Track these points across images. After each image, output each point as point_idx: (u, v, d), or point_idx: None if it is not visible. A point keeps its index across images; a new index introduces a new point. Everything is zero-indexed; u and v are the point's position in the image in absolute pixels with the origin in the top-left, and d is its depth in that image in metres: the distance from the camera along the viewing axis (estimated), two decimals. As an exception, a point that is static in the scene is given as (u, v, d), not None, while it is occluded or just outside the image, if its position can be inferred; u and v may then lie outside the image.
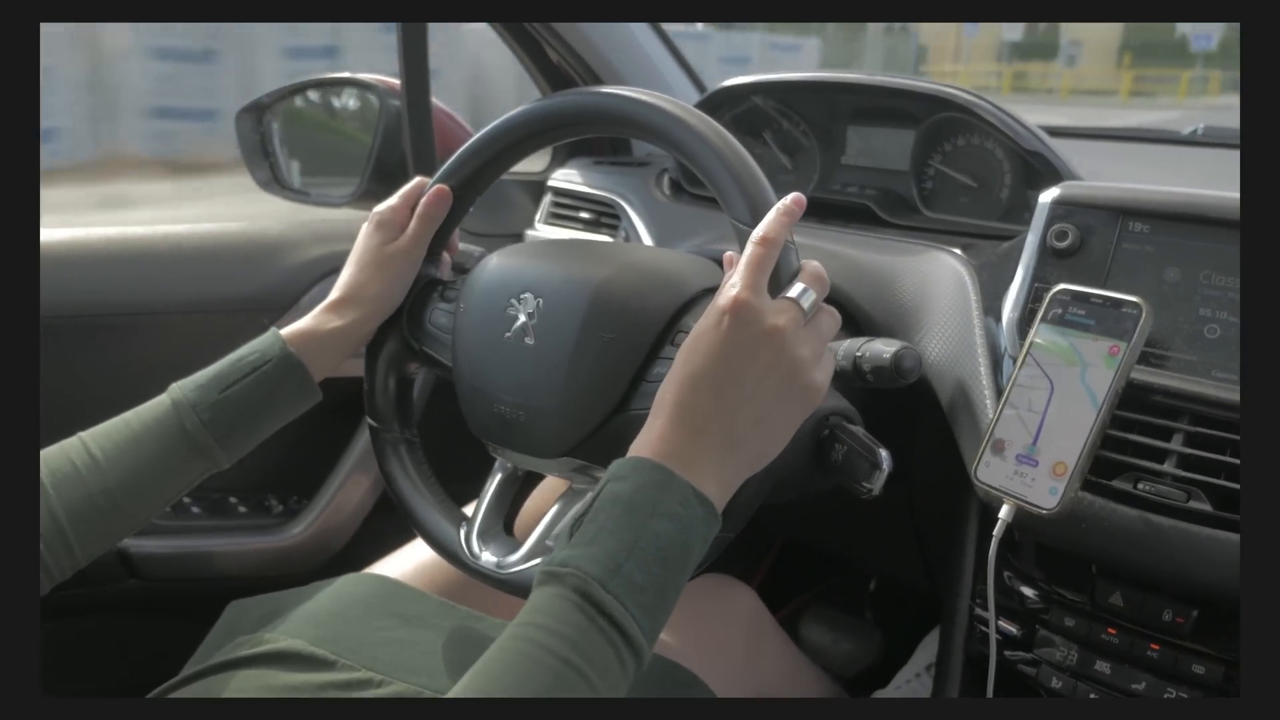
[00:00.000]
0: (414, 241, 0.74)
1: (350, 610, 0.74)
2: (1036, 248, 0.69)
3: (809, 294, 0.56)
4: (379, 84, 1.18)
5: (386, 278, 0.73)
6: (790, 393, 0.54)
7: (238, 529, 1.15)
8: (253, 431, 0.69)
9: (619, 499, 0.50)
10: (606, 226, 1.15)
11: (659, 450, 0.52)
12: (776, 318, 0.54)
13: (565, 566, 0.47)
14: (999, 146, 0.92)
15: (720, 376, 0.53)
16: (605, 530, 0.49)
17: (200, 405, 0.66)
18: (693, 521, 0.50)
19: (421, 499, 0.73)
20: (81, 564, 0.62)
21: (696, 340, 0.54)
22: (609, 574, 0.47)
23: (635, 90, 0.65)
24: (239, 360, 0.68)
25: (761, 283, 0.55)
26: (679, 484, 0.50)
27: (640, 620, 0.47)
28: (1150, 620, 0.62)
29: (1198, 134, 1.13)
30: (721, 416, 0.53)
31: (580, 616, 0.46)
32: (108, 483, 0.62)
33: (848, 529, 1.14)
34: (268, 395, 0.68)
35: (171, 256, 1.10)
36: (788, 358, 0.54)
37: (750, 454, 0.54)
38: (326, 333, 0.71)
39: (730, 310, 0.54)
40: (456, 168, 0.74)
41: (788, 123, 1.09)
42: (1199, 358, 0.61)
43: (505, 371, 0.67)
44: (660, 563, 0.48)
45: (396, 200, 0.75)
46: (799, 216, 0.58)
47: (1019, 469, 0.59)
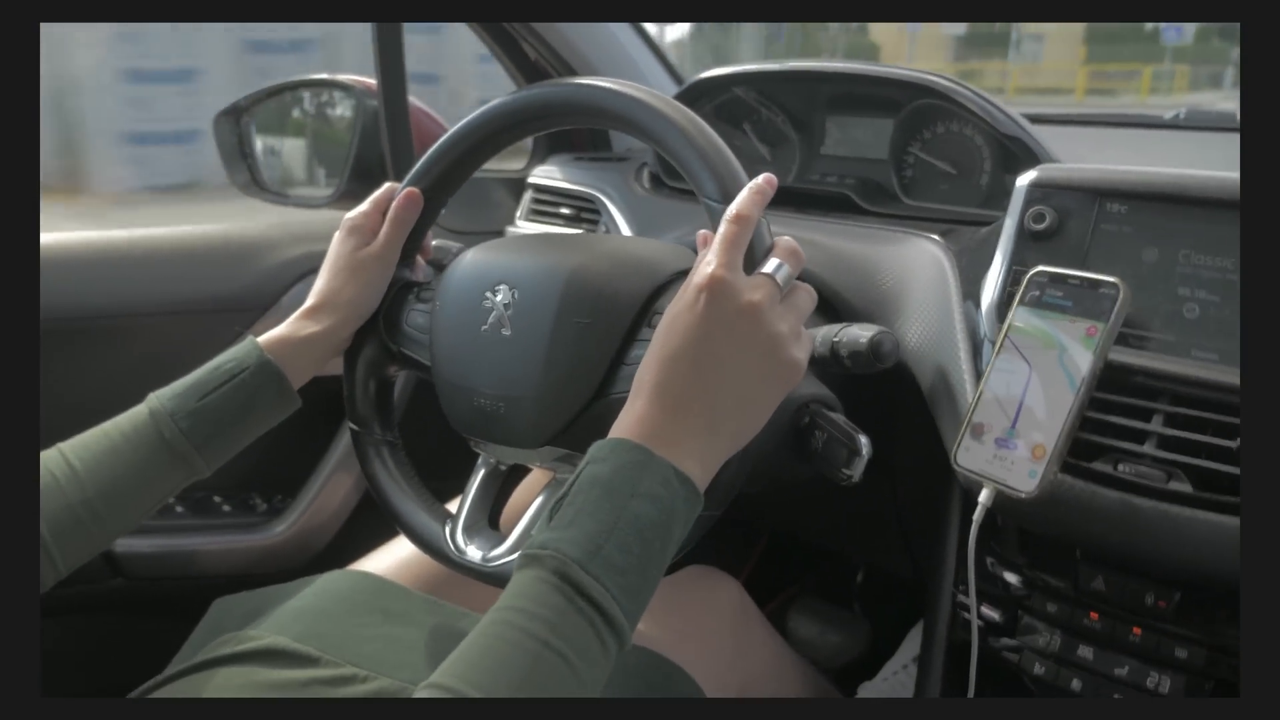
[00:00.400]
0: (386, 246, 0.74)
1: (334, 607, 0.74)
2: (1014, 231, 0.69)
3: (784, 269, 0.56)
4: (356, 84, 1.18)
5: (360, 283, 0.73)
6: (769, 369, 0.54)
7: (222, 527, 1.14)
8: (231, 439, 0.68)
9: (598, 480, 0.49)
10: (587, 221, 1.14)
11: (638, 431, 0.52)
12: (752, 293, 0.54)
13: (544, 549, 0.47)
14: (978, 133, 0.92)
15: (698, 354, 0.53)
16: (584, 512, 0.48)
17: (178, 414, 0.65)
18: (673, 501, 0.50)
19: (405, 499, 0.73)
20: (63, 574, 0.62)
21: (673, 319, 0.54)
22: (588, 555, 0.47)
23: (600, 79, 0.64)
24: (216, 368, 0.68)
25: (736, 259, 0.55)
26: (659, 464, 0.50)
27: (621, 601, 0.47)
28: (1133, 604, 0.62)
29: (1179, 118, 1.13)
30: (701, 395, 0.52)
31: (560, 598, 0.45)
32: (87, 493, 0.62)
33: (834, 520, 1.14)
34: (245, 403, 0.68)
35: (150, 259, 1.09)
36: (765, 333, 0.54)
37: (731, 432, 0.54)
38: (303, 339, 0.71)
39: (706, 287, 0.53)
40: (426, 169, 0.74)
41: (767, 113, 1.08)
42: (1178, 337, 0.61)
43: (483, 364, 0.67)
44: (641, 543, 0.48)
45: (367, 206, 0.75)
46: (771, 195, 0.57)
47: (998, 453, 0.59)
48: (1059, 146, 0.84)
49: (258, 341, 0.70)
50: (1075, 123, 1.17)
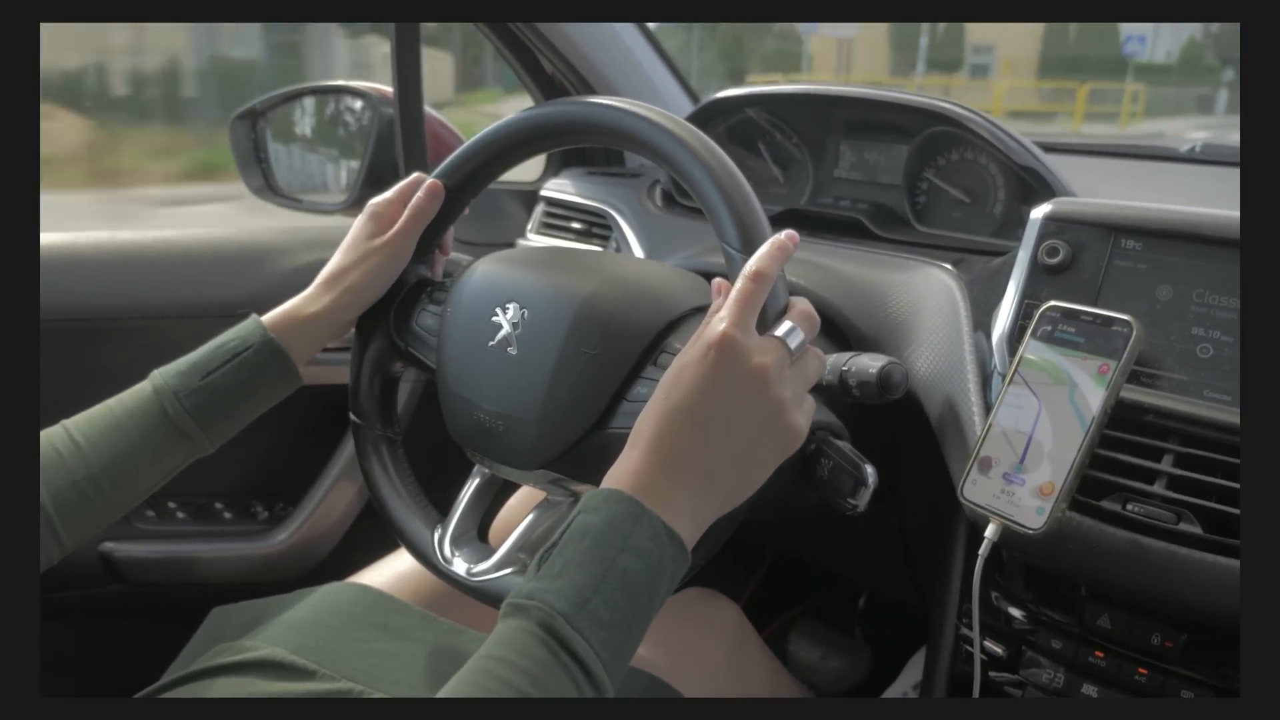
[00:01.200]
0: (401, 235, 0.74)
1: (332, 620, 0.74)
2: (1027, 264, 0.68)
3: (796, 333, 0.55)
4: (372, 92, 1.18)
5: (367, 268, 0.73)
6: (770, 434, 0.54)
7: (222, 534, 1.14)
8: (235, 417, 0.69)
9: (588, 531, 0.49)
10: (598, 237, 1.14)
11: (633, 483, 0.51)
12: (762, 356, 0.53)
13: (531, 599, 0.47)
14: (992, 161, 0.92)
15: (701, 413, 0.52)
16: (573, 564, 0.48)
17: (182, 391, 0.66)
18: (661, 558, 0.49)
19: (398, 499, 0.73)
20: (68, 549, 0.63)
21: (680, 373, 0.54)
22: (575, 609, 0.46)
23: (633, 103, 0.64)
24: (220, 346, 0.68)
25: (750, 320, 0.54)
26: (650, 519, 0.50)
27: (604, 657, 0.46)
28: (1139, 644, 0.61)
29: (1195, 151, 1.13)
30: (699, 453, 0.52)
31: (544, 652, 0.45)
32: (92, 468, 0.63)
33: (838, 544, 1.13)
34: (249, 380, 0.68)
35: (162, 262, 1.09)
36: (770, 398, 0.53)
37: (725, 493, 0.54)
38: (306, 317, 0.71)
39: (716, 345, 0.53)
40: (453, 168, 0.74)
41: (780, 135, 1.08)
42: (1191, 377, 0.60)
43: (487, 380, 0.66)
44: (627, 599, 0.48)
45: (392, 194, 0.75)
46: (791, 253, 0.57)
47: (1006, 488, 0.58)
48: (1073, 177, 0.84)
49: (261, 320, 0.70)
50: (1090, 153, 1.17)
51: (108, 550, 1.07)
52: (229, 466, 0.69)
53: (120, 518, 0.66)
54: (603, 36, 1.23)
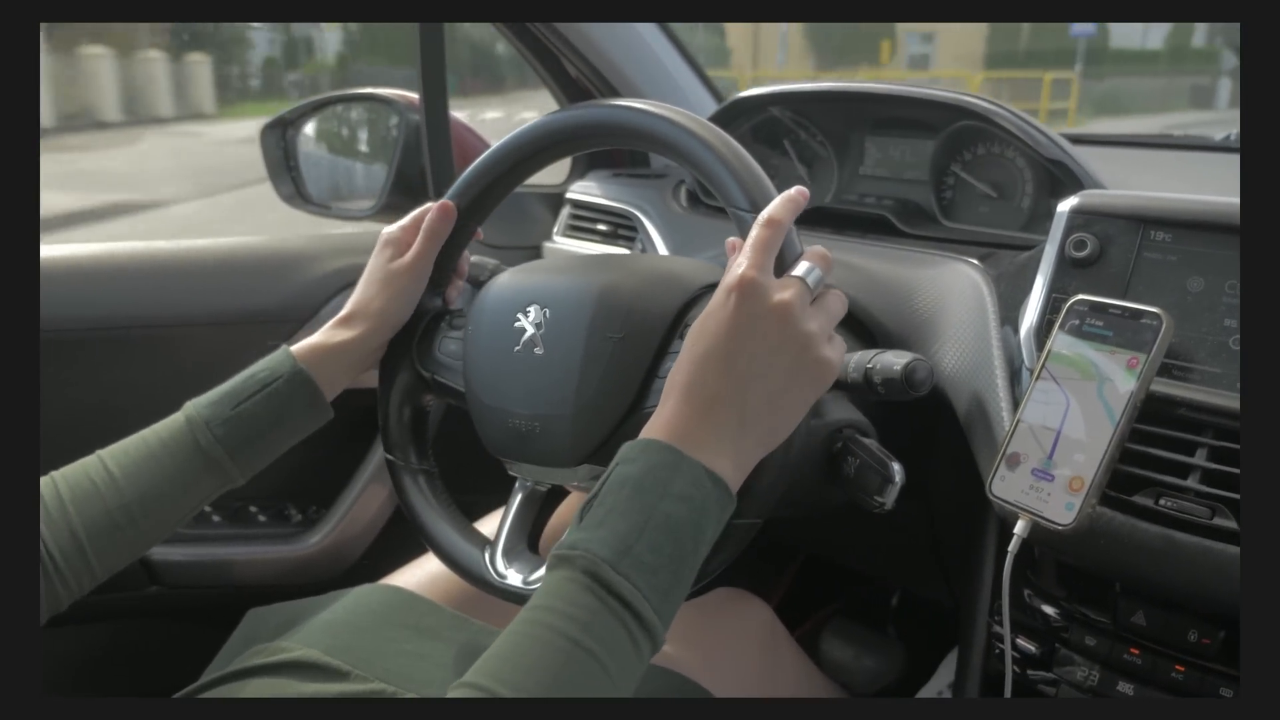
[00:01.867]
0: (417, 257, 0.74)
1: (365, 621, 0.75)
2: (1055, 257, 0.68)
3: (815, 271, 0.56)
4: (399, 99, 1.20)
5: (390, 294, 0.74)
6: (801, 368, 0.54)
7: (257, 537, 1.16)
8: (265, 447, 0.69)
9: (628, 480, 0.49)
10: (624, 238, 1.15)
11: (669, 431, 0.51)
12: (783, 293, 0.54)
13: (574, 549, 0.47)
14: (1020, 155, 0.91)
15: (729, 354, 0.53)
16: (615, 512, 0.48)
17: (214, 422, 0.66)
18: (705, 502, 0.50)
19: (444, 526, 0.73)
20: (100, 579, 0.63)
21: (704, 320, 0.54)
22: (619, 555, 0.46)
23: (625, 100, 0.65)
24: (250, 377, 0.69)
25: (767, 262, 0.55)
26: (690, 464, 0.50)
27: (652, 600, 0.47)
28: (1175, 640, 0.60)
29: (1231, 140, 1.11)
30: (732, 394, 0.52)
31: (591, 598, 0.46)
32: (125, 498, 0.63)
33: (869, 543, 1.12)
34: (278, 411, 0.69)
35: (194, 270, 1.11)
36: (797, 332, 0.54)
37: (763, 431, 0.54)
38: (335, 347, 0.72)
39: (737, 288, 0.53)
40: (463, 188, 0.74)
41: (805, 133, 1.08)
42: (1224, 370, 0.59)
43: (517, 385, 0.67)
44: (673, 543, 0.48)
45: (407, 220, 0.77)
46: (803, 205, 0.58)
47: (1035, 484, 0.58)
48: (1103, 169, 0.83)
49: (291, 351, 0.71)
50: (1120, 144, 1.15)
51: (147, 554, 1.09)
52: (263, 471, 0.70)
53: (149, 549, 0.67)
54: (625, 38, 1.24)
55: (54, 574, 0.60)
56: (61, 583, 0.61)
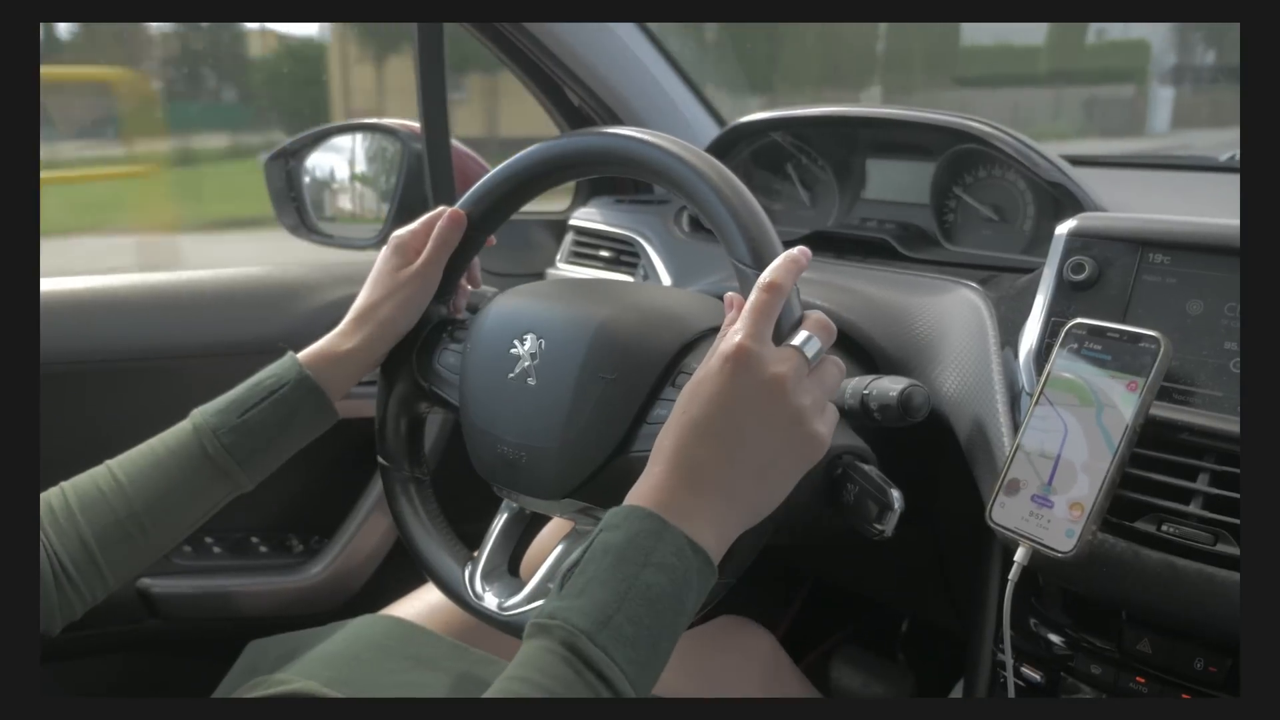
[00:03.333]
0: (427, 264, 0.74)
1: (364, 652, 0.75)
2: (1054, 281, 0.67)
3: (813, 342, 0.55)
4: (401, 128, 1.20)
5: (398, 300, 0.74)
6: (791, 443, 0.53)
7: (258, 568, 1.15)
8: (273, 453, 0.70)
9: (610, 548, 0.49)
10: (626, 265, 1.15)
11: (655, 499, 0.51)
12: (779, 366, 0.53)
13: (554, 619, 0.47)
14: (1020, 178, 0.91)
15: (720, 425, 0.52)
16: (595, 581, 0.48)
17: (221, 429, 0.67)
18: (687, 573, 0.49)
19: (428, 538, 0.73)
20: (112, 587, 0.64)
21: (697, 386, 0.54)
22: (598, 626, 0.46)
23: (641, 131, 0.65)
24: (257, 384, 0.70)
25: (765, 330, 0.54)
26: (673, 534, 0.49)
27: (630, 673, 0.46)
28: (1181, 669, 0.59)
29: (1234, 160, 1.10)
30: (720, 465, 0.52)
31: (568, 671, 0.45)
32: (134, 507, 0.64)
33: (877, 570, 1.11)
34: (286, 417, 0.69)
35: (195, 301, 1.12)
36: (789, 407, 0.53)
37: (748, 505, 0.53)
38: (341, 354, 0.72)
39: (732, 357, 0.53)
40: (474, 199, 0.75)
41: (806, 158, 1.08)
42: (1225, 393, 0.59)
43: (508, 412, 0.67)
44: (652, 615, 0.47)
45: (417, 225, 0.77)
46: (805, 266, 0.57)
47: (1035, 510, 0.57)
48: (1104, 190, 0.83)
49: (297, 357, 0.71)
50: (1122, 165, 1.15)
51: (145, 586, 1.09)
52: (265, 501, 0.70)
53: (160, 556, 0.67)
54: (624, 62, 1.25)
55: (66, 583, 0.61)
56: (74, 591, 0.61)
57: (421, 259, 0.74)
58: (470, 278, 0.80)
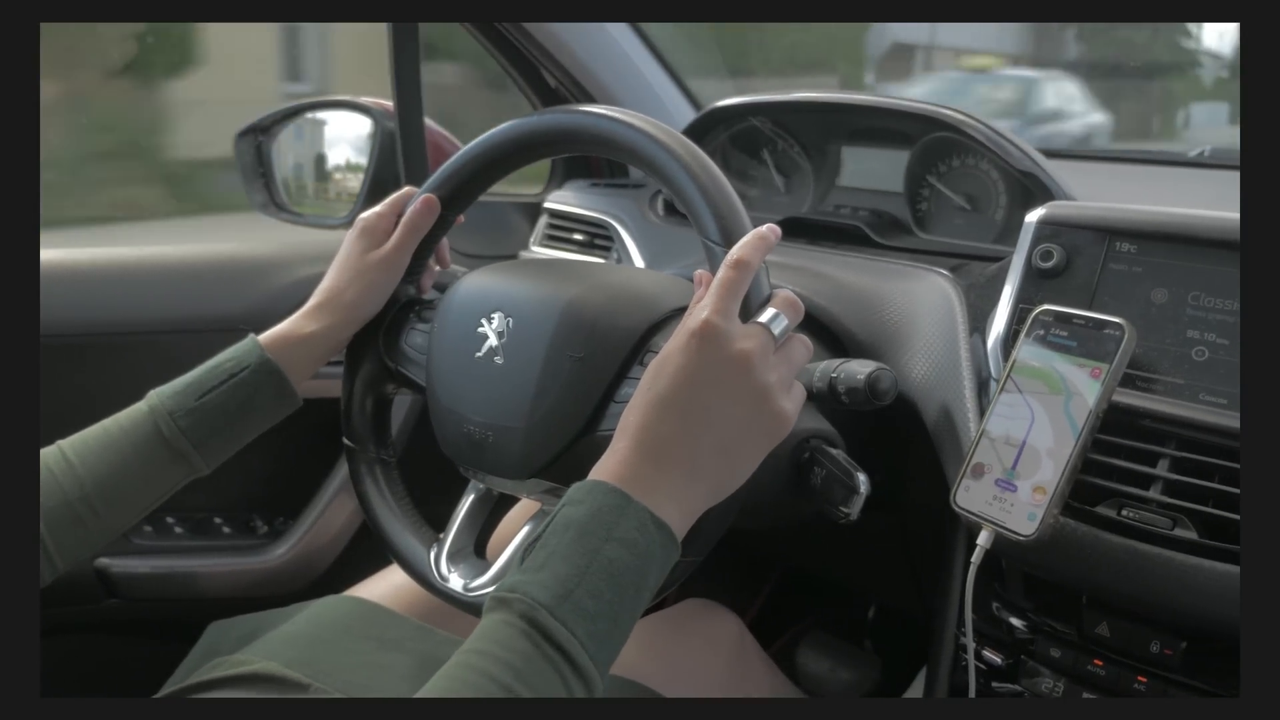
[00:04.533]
0: (396, 250, 0.73)
1: (327, 633, 0.74)
2: (1022, 268, 0.68)
3: (780, 320, 0.55)
4: (375, 106, 1.19)
5: (364, 284, 0.73)
6: (757, 420, 0.53)
7: (221, 549, 1.14)
8: (231, 438, 0.69)
9: (572, 523, 0.49)
10: (600, 248, 1.14)
11: (618, 474, 0.51)
12: (744, 342, 0.53)
13: (514, 592, 0.46)
14: (993, 167, 0.91)
15: (685, 401, 0.52)
16: (556, 555, 0.47)
17: (177, 412, 0.66)
18: (649, 548, 0.49)
19: (394, 519, 0.73)
20: (60, 570, 0.63)
21: (663, 362, 0.53)
22: (558, 600, 0.46)
23: (612, 110, 0.64)
24: (216, 367, 0.68)
25: (732, 307, 0.54)
26: (636, 509, 0.49)
27: (590, 648, 0.46)
28: (1138, 652, 0.60)
29: (1204, 155, 1.12)
30: (684, 441, 0.52)
31: (526, 644, 0.45)
32: (85, 488, 0.63)
33: (845, 556, 1.12)
34: (245, 401, 0.68)
35: (159, 277, 1.10)
36: (755, 383, 0.53)
37: (713, 482, 0.53)
38: (303, 337, 0.71)
39: (698, 333, 0.52)
40: (443, 181, 0.74)
41: (783, 143, 1.08)
42: (1187, 381, 0.59)
43: (475, 392, 0.66)
44: (614, 589, 0.47)
45: (383, 208, 0.75)
46: (774, 244, 0.57)
47: (998, 494, 0.57)
48: (1076, 182, 0.83)
49: (258, 340, 0.70)
50: (1094, 158, 1.16)
51: (103, 566, 1.07)
52: (229, 481, 0.69)
53: (113, 539, 0.66)
54: (603, 45, 1.24)
55: None
56: None
57: (390, 244, 0.73)
58: (439, 258, 0.79)
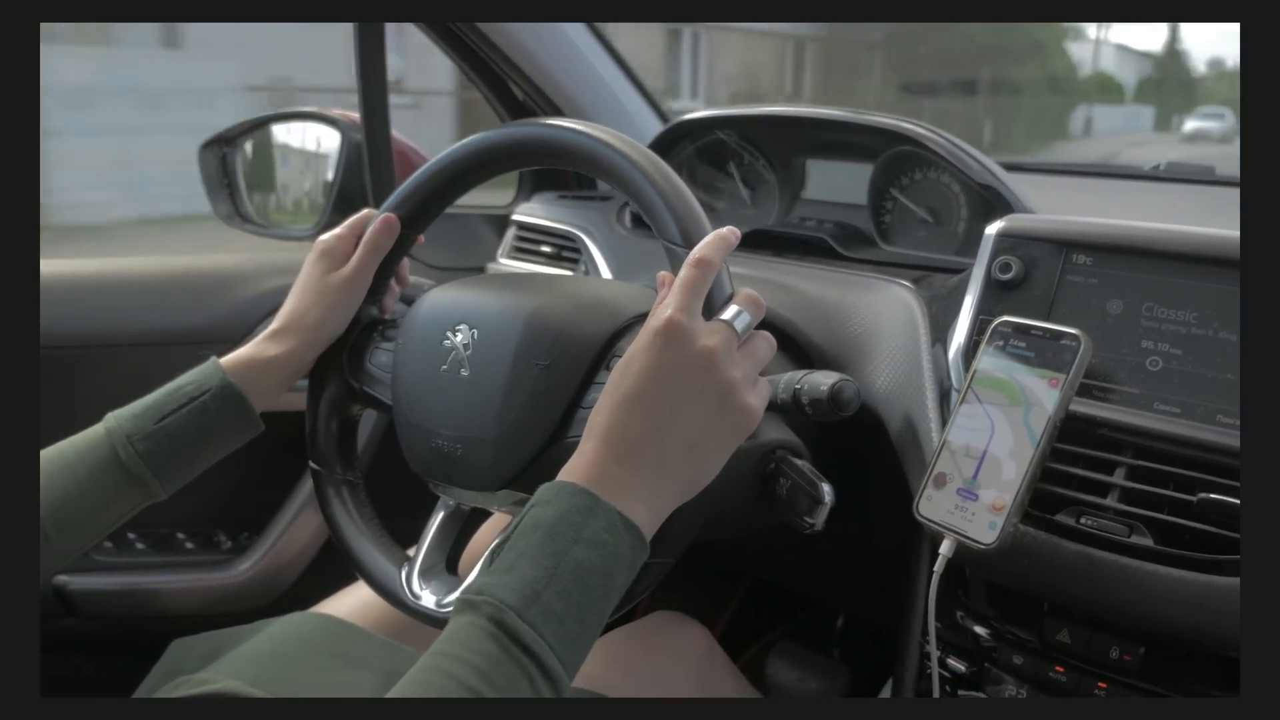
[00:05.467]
0: (357, 271, 0.73)
1: (292, 650, 0.73)
2: (982, 280, 0.69)
3: (743, 316, 0.56)
4: (342, 118, 1.18)
5: (326, 306, 0.72)
6: (723, 416, 0.54)
7: (184, 565, 1.12)
8: (190, 463, 0.67)
9: (540, 524, 0.49)
10: (568, 260, 1.14)
11: (586, 474, 0.51)
12: (709, 339, 0.53)
13: (481, 594, 0.46)
14: (955, 180, 0.93)
15: (650, 398, 0.52)
16: (525, 556, 0.47)
17: (135, 435, 0.64)
18: (618, 549, 0.49)
19: (363, 541, 0.72)
20: None
21: (628, 362, 0.54)
22: (526, 602, 0.46)
23: (568, 121, 0.65)
24: (176, 390, 0.67)
25: (695, 305, 0.54)
26: (604, 509, 0.49)
27: (558, 649, 0.46)
28: (1097, 658, 0.61)
29: (1160, 169, 1.14)
30: (651, 440, 0.52)
31: (494, 646, 0.44)
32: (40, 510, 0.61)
33: (812, 567, 1.13)
34: (206, 426, 0.67)
35: (123, 290, 1.08)
36: (719, 379, 0.53)
37: (682, 480, 0.53)
38: (266, 361, 0.70)
39: (662, 331, 0.53)
40: (403, 199, 0.73)
41: (749, 156, 1.09)
42: (1141, 390, 0.61)
43: (442, 405, 0.66)
44: (582, 591, 0.47)
45: (343, 229, 0.75)
46: (734, 244, 0.57)
47: (960, 503, 0.58)
48: (1036, 195, 0.85)
49: (220, 363, 0.69)
50: (1053, 172, 1.18)
51: (62, 583, 1.05)
52: (192, 497, 0.67)
53: (69, 562, 0.65)
54: (569, 60, 1.24)
55: None
56: None
57: (351, 265, 0.73)
58: (398, 277, 0.79)
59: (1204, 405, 0.58)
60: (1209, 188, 1.05)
